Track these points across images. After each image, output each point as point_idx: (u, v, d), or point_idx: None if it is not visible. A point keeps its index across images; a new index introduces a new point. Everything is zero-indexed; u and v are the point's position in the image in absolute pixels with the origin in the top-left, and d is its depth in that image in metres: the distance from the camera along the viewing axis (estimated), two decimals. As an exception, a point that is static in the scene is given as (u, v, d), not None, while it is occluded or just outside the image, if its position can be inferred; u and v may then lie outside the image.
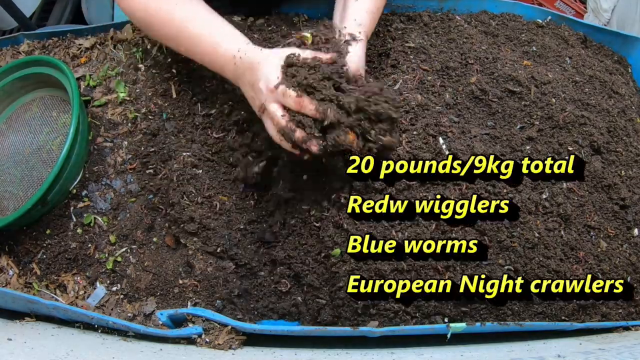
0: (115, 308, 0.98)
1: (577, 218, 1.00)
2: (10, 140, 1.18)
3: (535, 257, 0.93)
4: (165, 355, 0.81)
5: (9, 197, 1.11)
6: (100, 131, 1.15)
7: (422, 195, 0.92)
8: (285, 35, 1.01)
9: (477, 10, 1.31)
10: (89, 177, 1.11)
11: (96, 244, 1.05)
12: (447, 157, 0.93)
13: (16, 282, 1.02)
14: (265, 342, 0.91)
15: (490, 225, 0.92)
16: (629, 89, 1.24)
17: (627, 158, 1.10)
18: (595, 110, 1.10)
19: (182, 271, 0.98)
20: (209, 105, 1.09)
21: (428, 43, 1.17)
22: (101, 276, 1.02)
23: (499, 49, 1.18)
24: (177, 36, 0.89)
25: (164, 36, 0.92)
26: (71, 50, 1.25)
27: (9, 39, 1.32)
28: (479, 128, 1.04)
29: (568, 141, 1.04)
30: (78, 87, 1.09)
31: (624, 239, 1.05)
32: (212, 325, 0.88)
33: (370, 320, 0.89)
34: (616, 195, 1.06)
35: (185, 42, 0.89)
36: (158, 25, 0.90)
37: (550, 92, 1.08)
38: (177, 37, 0.89)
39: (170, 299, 0.97)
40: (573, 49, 1.25)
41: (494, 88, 1.07)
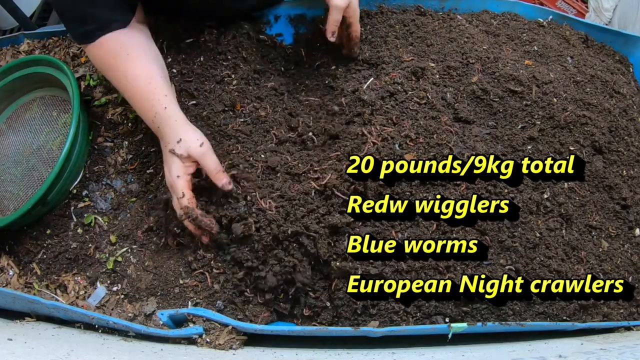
0: (115, 308, 0.98)
1: (579, 218, 1.00)
2: (10, 140, 1.18)
3: (536, 257, 0.93)
4: (166, 355, 0.81)
5: (9, 197, 1.11)
6: (100, 131, 1.15)
7: (422, 195, 0.91)
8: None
9: (478, 10, 1.31)
10: (89, 177, 1.11)
11: (97, 244, 1.05)
12: (447, 157, 0.93)
13: (16, 282, 1.02)
14: (266, 342, 0.91)
15: (491, 225, 0.92)
16: (631, 88, 1.24)
17: (629, 158, 1.10)
18: (596, 110, 1.09)
19: (182, 271, 0.98)
20: (208, 105, 1.08)
21: (429, 42, 1.17)
22: (102, 276, 1.02)
23: (500, 48, 1.18)
24: (117, 87, 0.98)
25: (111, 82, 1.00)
26: (71, 50, 1.25)
27: (9, 38, 1.32)
28: (480, 128, 1.03)
29: (569, 141, 1.04)
30: (78, 86, 1.09)
31: (625, 238, 1.04)
32: (213, 325, 0.88)
33: (371, 320, 0.89)
34: (617, 195, 1.05)
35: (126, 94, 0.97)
36: (103, 72, 1.00)
37: (552, 91, 1.07)
38: (118, 87, 0.98)
39: (170, 299, 0.97)
40: (574, 49, 1.25)
41: (495, 88, 1.07)
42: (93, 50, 0.94)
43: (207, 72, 1.12)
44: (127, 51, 0.93)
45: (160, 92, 0.91)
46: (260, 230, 0.91)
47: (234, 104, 1.09)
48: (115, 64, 0.93)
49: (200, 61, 1.13)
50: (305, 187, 0.94)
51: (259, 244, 0.91)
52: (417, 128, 0.96)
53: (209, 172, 0.90)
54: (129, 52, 0.93)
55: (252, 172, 0.98)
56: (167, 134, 0.90)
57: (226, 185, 0.91)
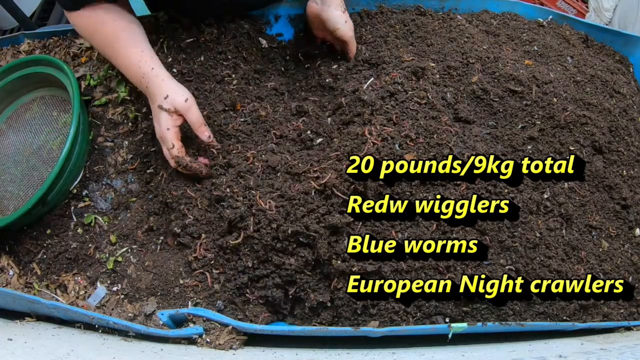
0: (115, 308, 0.98)
1: (579, 218, 1.00)
2: (10, 139, 1.18)
3: (536, 257, 0.93)
4: (166, 355, 0.81)
5: (9, 197, 1.11)
6: (100, 131, 1.15)
7: (422, 195, 0.91)
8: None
9: (478, 10, 1.31)
10: (89, 177, 1.11)
11: (97, 244, 1.05)
12: (447, 157, 0.93)
13: (17, 282, 1.02)
14: (266, 342, 0.91)
15: (491, 225, 0.92)
16: (631, 88, 1.24)
17: (629, 158, 1.10)
18: (596, 110, 1.09)
19: (182, 271, 0.98)
20: (208, 104, 1.08)
21: (429, 42, 1.17)
22: (102, 276, 1.02)
23: (500, 48, 1.18)
24: (104, 51, 1.04)
25: (96, 47, 1.07)
26: (72, 50, 1.25)
27: (9, 38, 1.32)
28: (480, 128, 1.03)
29: (569, 141, 1.04)
30: (79, 86, 1.09)
31: (625, 238, 1.04)
32: (213, 325, 0.88)
33: (371, 320, 0.89)
34: (618, 195, 1.05)
35: (110, 58, 1.04)
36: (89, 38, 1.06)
37: (552, 91, 1.07)
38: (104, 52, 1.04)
39: (171, 299, 0.97)
40: (574, 49, 1.25)
41: (495, 87, 1.07)
42: (79, 17, 1.00)
43: (208, 71, 1.12)
44: (114, 18, 0.99)
45: (147, 55, 0.99)
46: (260, 230, 0.91)
47: (234, 103, 1.09)
48: (104, 31, 0.99)
49: (201, 61, 1.13)
50: (305, 187, 0.94)
51: (259, 244, 0.91)
52: (417, 128, 0.96)
53: (193, 124, 0.99)
54: (116, 19, 1.00)
55: (253, 171, 0.99)
56: (155, 92, 0.97)
57: (207, 138, 1.00)
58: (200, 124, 0.99)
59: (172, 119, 0.97)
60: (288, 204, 0.92)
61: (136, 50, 0.99)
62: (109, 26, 0.99)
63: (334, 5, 1.11)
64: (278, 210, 0.92)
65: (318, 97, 1.16)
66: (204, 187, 1.00)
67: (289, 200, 0.93)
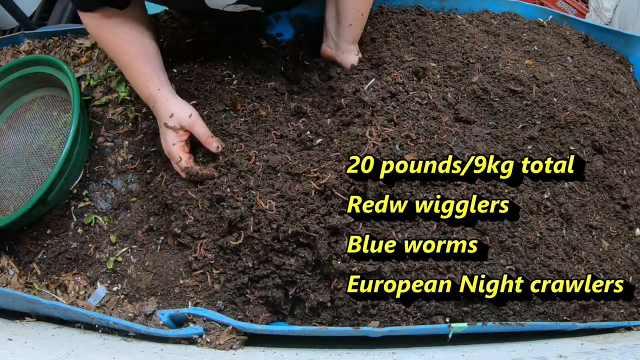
0: (115, 308, 0.98)
1: (579, 218, 1.00)
2: (10, 140, 1.18)
3: (537, 257, 0.93)
4: (166, 355, 0.81)
5: (9, 197, 1.11)
6: (100, 131, 1.15)
7: (422, 195, 0.91)
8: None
9: (478, 10, 1.31)
10: (89, 177, 1.11)
11: (97, 244, 1.05)
12: (448, 157, 0.93)
13: (17, 282, 1.02)
14: (266, 342, 0.91)
15: (492, 225, 0.92)
16: (631, 88, 1.24)
17: (629, 158, 1.10)
18: (597, 110, 1.09)
19: (182, 271, 0.98)
20: (208, 104, 1.08)
21: (430, 42, 1.17)
22: (102, 276, 1.02)
23: (501, 48, 1.18)
24: (113, 59, 1.04)
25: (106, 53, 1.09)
26: (72, 50, 1.25)
27: (9, 38, 1.32)
28: (480, 128, 1.03)
29: (570, 141, 1.04)
30: (79, 86, 1.09)
31: (625, 238, 1.04)
32: (213, 325, 0.88)
33: (371, 320, 0.89)
34: (618, 195, 1.05)
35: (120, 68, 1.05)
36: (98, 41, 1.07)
37: (552, 91, 1.07)
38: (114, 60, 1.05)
39: (171, 299, 0.97)
40: (575, 49, 1.25)
41: (495, 87, 1.07)
42: (89, 19, 0.99)
43: (208, 71, 1.12)
44: (126, 31, 0.99)
45: (155, 75, 1.01)
46: (260, 230, 0.91)
47: (235, 103, 1.09)
48: (116, 42, 1.00)
49: (201, 61, 1.13)
50: (306, 187, 0.93)
51: (259, 244, 0.91)
52: (417, 128, 0.96)
53: (200, 138, 1.02)
54: (127, 31, 1.00)
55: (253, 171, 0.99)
56: (161, 111, 1.01)
57: (216, 149, 1.02)
58: (207, 136, 1.01)
59: (177, 135, 1.01)
60: (288, 204, 0.92)
61: (146, 70, 1.01)
62: (121, 38, 0.99)
63: (348, 51, 1.16)
64: (278, 210, 0.92)
65: (318, 97, 1.16)
66: (206, 188, 0.99)
67: (289, 200, 0.93)
